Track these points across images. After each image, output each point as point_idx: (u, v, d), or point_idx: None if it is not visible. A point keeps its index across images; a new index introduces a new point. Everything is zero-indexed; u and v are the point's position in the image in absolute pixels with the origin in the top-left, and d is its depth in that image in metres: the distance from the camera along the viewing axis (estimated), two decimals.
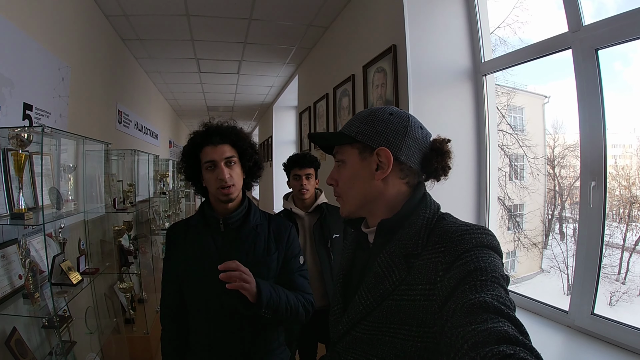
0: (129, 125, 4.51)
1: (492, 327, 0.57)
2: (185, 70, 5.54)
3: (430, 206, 0.88)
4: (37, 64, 2.21)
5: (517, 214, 4.43)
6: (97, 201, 2.84)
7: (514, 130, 4.25)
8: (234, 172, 1.43)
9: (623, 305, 2.93)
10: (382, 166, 0.88)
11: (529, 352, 0.52)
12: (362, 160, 0.90)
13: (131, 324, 3.15)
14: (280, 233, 1.53)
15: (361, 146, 0.90)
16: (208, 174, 1.43)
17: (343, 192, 0.95)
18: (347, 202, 0.95)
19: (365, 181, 0.90)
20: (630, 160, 2.92)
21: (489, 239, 0.76)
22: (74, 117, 2.71)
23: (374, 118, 0.91)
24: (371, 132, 0.90)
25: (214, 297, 1.36)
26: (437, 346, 0.70)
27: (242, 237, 1.45)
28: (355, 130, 0.91)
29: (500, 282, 0.69)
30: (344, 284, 0.99)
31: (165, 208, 5.55)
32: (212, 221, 1.47)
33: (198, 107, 8.44)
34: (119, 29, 3.89)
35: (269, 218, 1.57)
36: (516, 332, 0.56)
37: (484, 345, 0.54)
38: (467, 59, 2.48)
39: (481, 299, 0.63)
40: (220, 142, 1.43)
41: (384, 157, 0.88)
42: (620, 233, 3.11)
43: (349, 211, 0.95)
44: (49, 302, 1.82)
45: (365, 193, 0.91)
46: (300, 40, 4.34)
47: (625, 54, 1.94)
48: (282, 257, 1.51)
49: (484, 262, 0.71)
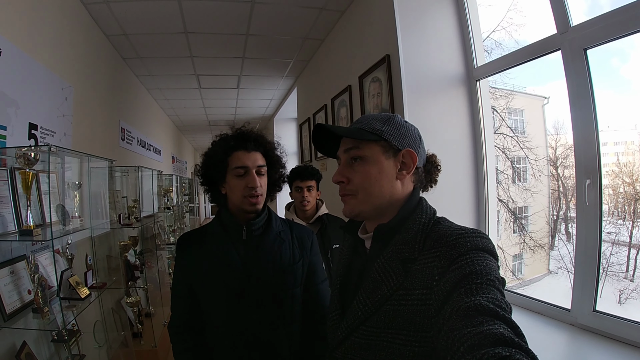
0: (132, 142, 4.58)
1: (488, 329, 0.57)
2: (185, 86, 5.63)
3: (426, 211, 0.89)
4: (40, 84, 2.27)
5: (522, 217, 4.42)
6: (103, 217, 2.89)
7: (515, 132, 4.26)
8: (263, 182, 1.36)
9: (633, 302, 2.90)
10: (405, 167, 0.91)
11: (525, 353, 0.52)
12: (386, 159, 0.90)
13: (139, 338, 3.17)
14: (303, 240, 1.45)
15: (386, 145, 0.90)
16: (236, 180, 1.34)
17: (360, 189, 0.91)
18: (363, 201, 0.91)
19: (389, 180, 0.90)
20: (633, 157, 2.92)
21: (484, 242, 0.77)
22: (78, 136, 2.78)
23: (394, 121, 0.93)
24: (396, 134, 0.91)
25: (239, 308, 1.29)
26: (434, 351, 0.70)
27: (267, 245, 1.36)
28: (380, 128, 0.90)
29: (496, 285, 0.69)
30: (341, 290, 0.99)
31: (170, 223, 5.59)
32: (233, 228, 1.37)
33: (199, 122, 8.52)
34: (119, 48, 3.98)
35: (289, 224, 1.49)
36: (512, 334, 0.56)
37: (480, 348, 0.54)
38: (460, 65, 2.54)
39: (477, 302, 0.64)
40: (254, 149, 1.37)
41: (409, 158, 0.90)
42: (627, 230, 3.10)
43: (360, 210, 0.92)
44: (58, 316, 1.85)
45: (386, 192, 0.90)
46: (297, 53, 4.42)
47: (622, 50, 1.94)
48: (307, 265, 1.43)
49: (479, 265, 0.71)
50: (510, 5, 3.56)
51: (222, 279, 1.31)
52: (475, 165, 2.48)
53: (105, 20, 3.33)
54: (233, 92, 6.03)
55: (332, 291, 1.04)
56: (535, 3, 2.99)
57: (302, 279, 1.40)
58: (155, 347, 3.13)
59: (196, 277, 1.36)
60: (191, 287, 1.37)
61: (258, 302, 1.30)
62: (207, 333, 1.37)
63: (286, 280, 1.34)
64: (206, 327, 1.37)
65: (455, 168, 2.40)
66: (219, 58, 4.47)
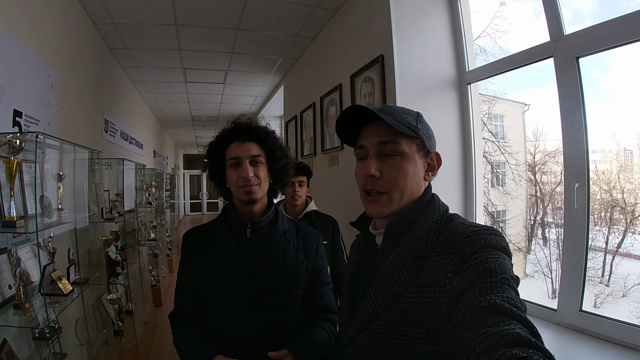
0: (115, 135, 4.47)
1: (504, 329, 0.56)
2: (171, 79, 5.53)
3: (438, 207, 0.87)
4: (27, 70, 2.19)
5: (501, 220, 4.50)
6: (83, 211, 2.80)
7: (496, 137, 4.34)
8: (259, 172, 1.32)
9: (608, 307, 2.96)
10: (431, 169, 0.91)
11: (542, 354, 0.51)
12: (420, 158, 0.89)
13: (119, 336, 3.09)
14: (309, 241, 1.43)
15: (420, 144, 0.89)
16: (231, 171, 1.33)
17: (394, 187, 0.87)
18: (395, 200, 0.87)
19: (419, 180, 0.89)
20: (610, 165, 2.99)
21: (498, 240, 0.75)
22: (62, 125, 2.68)
23: (423, 120, 0.92)
24: (427, 134, 0.90)
25: (241, 307, 1.27)
26: (449, 349, 0.68)
27: (272, 244, 1.34)
28: (416, 125, 0.89)
29: (510, 284, 0.67)
30: (352, 286, 0.98)
31: (151, 218, 5.49)
32: (238, 225, 1.35)
33: (182, 116, 8.40)
34: (106, 37, 3.87)
35: (296, 225, 1.47)
36: (528, 334, 0.55)
37: (496, 349, 0.53)
38: (452, 69, 2.57)
39: (492, 301, 0.62)
40: (248, 139, 1.34)
41: (435, 160, 0.91)
42: (603, 236, 3.17)
43: (391, 211, 0.88)
44: (40, 312, 1.78)
45: (415, 192, 0.88)
46: (287, 50, 4.40)
47: (602, 59, 2.01)
48: (311, 267, 1.40)
49: (493, 263, 0.69)
50: (496, 12, 3.61)
51: (224, 277, 1.29)
52: (464, 170, 2.52)
53: (95, 8, 3.23)
54: (219, 87, 5.96)
55: (342, 288, 1.02)
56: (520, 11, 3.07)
57: (305, 280, 1.38)
58: (136, 345, 3.06)
59: (200, 274, 1.34)
60: (195, 282, 1.35)
61: (259, 302, 1.28)
62: (209, 329, 1.35)
63: (289, 282, 1.32)
64: (208, 323, 1.35)
65: (444, 171, 2.43)
66: (207, 52, 4.41)
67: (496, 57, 2.33)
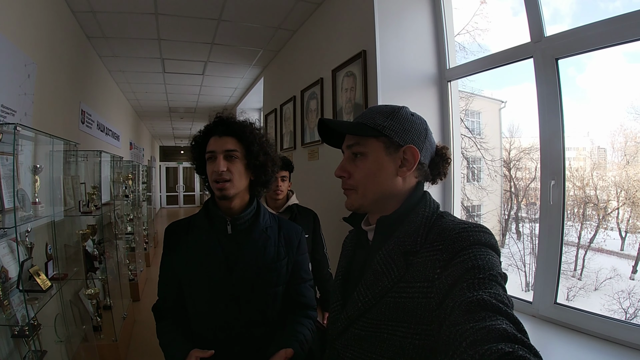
0: (91, 126, 4.34)
1: (491, 325, 0.57)
2: (149, 70, 5.41)
3: (429, 205, 0.89)
4: (4, 59, 2.10)
5: (476, 214, 4.59)
6: (59, 204, 2.73)
7: (472, 133, 4.42)
8: (233, 168, 1.30)
9: (580, 300, 3.04)
10: (406, 164, 0.90)
11: (528, 349, 0.52)
12: (387, 155, 0.90)
13: (98, 332, 3.04)
14: (291, 238, 1.42)
15: (387, 141, 0.90)
16: (208, 165, 1.32)
17: (360, 185, 0.92)
18: (363, 196, 0.92)
19: (388, 177, 0.90)
20: (584, 162, 3.07)
21: (487, 237, 0.77)
22: (39, 116, 2.59)
23: (399, 115, 0.92)
24: (399, 129, 0.90)
25: (220, 303, 1.28)
26: (436, 344, 0.70)
27: (252, 240, 1.33)
28: (382, 124, 0.90)
29: (498, 280, 0.69)
30: (344, 281, 0.99)
31: (127, 212, 5.38)
32: (218, 221, 1.34)
33: (159, 107, 8.23)
34: (84, 25, 3.75)
35: (278, 220, 1.46)
36: (514, 330, 0.56)
37: (482, 343, 0.54)
38: (433, 65, 2.61)
39: (479, 296, 0.63)
40: (225, 133, 1.32)
41: (410, 155, 0.90)
42: (575, 231, 3.25)
43: (360, 204, 0.93)
44: (19, 309, 1.74)
45: (385, 188, 0.90)
46: (268, 42, 4.36)
47: (579, 60, 2.07)
48: (292, 264, 1.40)
49: (481, 260, 0.71)
50: (476, 10, 3.67)
51: (204, 273, 1.29)
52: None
53: None
54: (198, 78, 5.87)
55: (334, 282, 1.04)
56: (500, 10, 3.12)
57: (285, 277, 1.38)
58: (116, 341, 3.02)
59: (180, 268, 1.34)
60: (176, 276, 1.36)
61: (238, 298, 1.28)
62: (189, 322, 1.36)
63: (270, 278, 1.33)
64: (189, 316, 1.36)
65: None
66: (187, 42, 4.32)
67: (475, 55, 2.37)
